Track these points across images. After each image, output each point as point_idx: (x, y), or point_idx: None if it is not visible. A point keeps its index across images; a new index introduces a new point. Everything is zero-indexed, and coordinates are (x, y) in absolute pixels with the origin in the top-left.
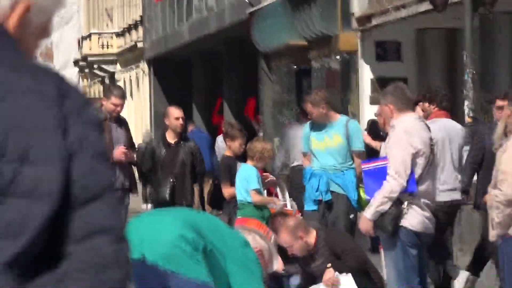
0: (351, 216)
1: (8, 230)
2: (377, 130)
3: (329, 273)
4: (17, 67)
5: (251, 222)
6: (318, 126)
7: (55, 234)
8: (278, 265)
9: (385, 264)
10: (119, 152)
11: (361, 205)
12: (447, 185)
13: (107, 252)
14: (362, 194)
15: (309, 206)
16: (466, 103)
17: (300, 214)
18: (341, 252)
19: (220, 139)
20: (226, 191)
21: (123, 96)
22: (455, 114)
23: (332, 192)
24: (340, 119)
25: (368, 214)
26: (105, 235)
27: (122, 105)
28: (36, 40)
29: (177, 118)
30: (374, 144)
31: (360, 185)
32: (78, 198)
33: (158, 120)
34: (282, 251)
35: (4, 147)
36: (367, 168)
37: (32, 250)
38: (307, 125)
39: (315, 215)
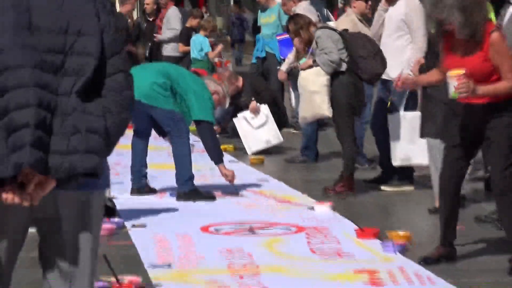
0: (278, 67)
1: (74, 70)
2: None
3: (253, 103)
4: None
5: (203, 72)
6: (264, 8)
7: (97, 74)
8: (227, 103)
9: (294, 100)
10: None
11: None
12: None
13: (124, 81)
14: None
15: (253, 60)
16: None
17: (229, 63)
18: (260, 90)
19: None
20: (181, 48)
21: None
22: None
23: (267, 52)
24: (276, 4)
25: (283, 67)
26: (123, 73)
27: None
28: None
29: (145, 3)
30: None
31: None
32: (108, 53)
33: (142, 5)
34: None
35: (67, 26)
36: (281, 38)
37: (87, 85)
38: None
39: (254, 65)
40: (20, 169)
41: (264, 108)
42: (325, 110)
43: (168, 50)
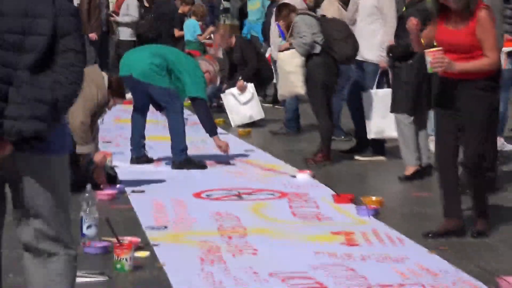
0: (262, 50)
1: (31, 48)
2: None
3: (240, 81)
4: None
5: (196, 53)
6: None
7: (49, 52)
8: (218, 81)
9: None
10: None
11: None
12: None
13: (73, 58)
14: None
15: None
16: None
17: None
18: (247, 57)
19: None
20: (177, 33)
21: None
22: None
23: (251, 35)
24: None
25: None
26: (73, 51)
27: None
28: None
29: None
30: None
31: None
32: (60, 34)
33: None
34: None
35: (25, 10)
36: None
37: (40, 58)
38: None
39: None
40: None
41: (250, 87)
42: (299, 88)
43: (124, 34)
